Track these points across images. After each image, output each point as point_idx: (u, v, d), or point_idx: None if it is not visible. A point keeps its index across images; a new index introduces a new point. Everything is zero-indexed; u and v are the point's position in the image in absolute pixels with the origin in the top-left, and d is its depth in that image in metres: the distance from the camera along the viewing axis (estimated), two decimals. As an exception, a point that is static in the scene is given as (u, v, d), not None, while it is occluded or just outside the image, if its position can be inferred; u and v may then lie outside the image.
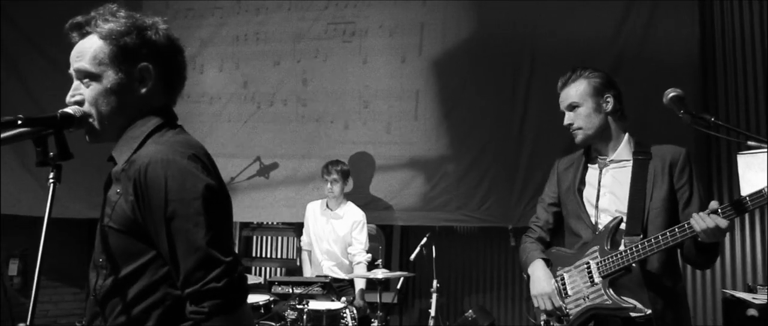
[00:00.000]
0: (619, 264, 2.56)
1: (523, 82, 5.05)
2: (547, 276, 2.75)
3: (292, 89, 5.60)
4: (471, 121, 5.19)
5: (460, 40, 5.25)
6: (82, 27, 1.65)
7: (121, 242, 1.59)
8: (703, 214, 2.38)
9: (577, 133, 2.75)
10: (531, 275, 2.80)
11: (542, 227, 2.95)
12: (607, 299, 2.58)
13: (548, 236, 2.95)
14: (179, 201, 1.52)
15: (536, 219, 2.98)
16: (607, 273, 2.60)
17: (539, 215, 2.97)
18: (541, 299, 2.74)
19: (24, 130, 1.49)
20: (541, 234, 2.95)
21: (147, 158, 1.55)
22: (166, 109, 1.71)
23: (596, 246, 2.65)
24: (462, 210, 5.16)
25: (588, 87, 2.72)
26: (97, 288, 1.63)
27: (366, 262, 4.87)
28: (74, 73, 1.64)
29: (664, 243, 2.47)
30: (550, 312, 2.71)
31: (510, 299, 5.62)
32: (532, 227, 2.99)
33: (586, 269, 2.67)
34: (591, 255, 2.66)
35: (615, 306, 2.56)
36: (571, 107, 2.75)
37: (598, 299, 2.61)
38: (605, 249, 2.62)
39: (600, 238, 2.64)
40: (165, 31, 1.68)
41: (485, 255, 5.71)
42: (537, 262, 2.81)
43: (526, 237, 2.99)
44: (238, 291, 1.54)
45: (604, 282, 2.60)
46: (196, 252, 1.51)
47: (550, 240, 2.95)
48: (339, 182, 4.84)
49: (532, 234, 2.98)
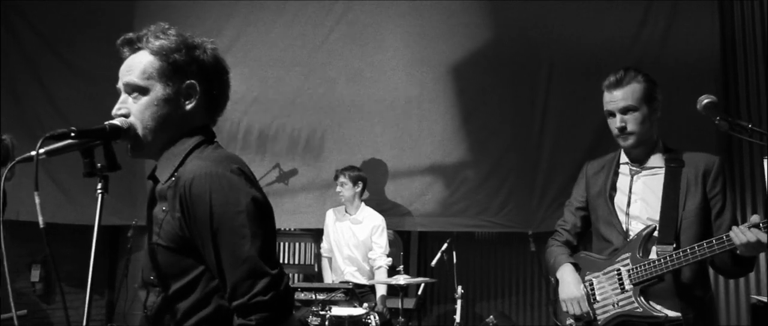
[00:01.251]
0: (652, 273, 2.50)
1: (541, 87, 4.98)
2: (576, 280, 2.69)
3: (310, 95, 5.53)
4: (490, 127, 5.12)
5: (478, 46, 5.18)
6: (134, 43, 1.68)
7: (170, 259, 1.60)
8: (744, 228, 2.30)
9: (628, 137, 2.63)
10: (560, 279, 2.75)
11: (570, 231, 2.88)
12: (638, 307, 2.53)
13: (575, 240, 2.88)
14: (224, 214, 1.52)
15: (563, 222, 2.92)
16: (638, 281, 2.54)
17: (567, 218, 2.90)
18: (570, 303, 2.68)
19: (73, 142, 1.51)
20: (569, 238, 2.88)
21: (191, 174, 1.56)
22: (206, 128, 1.73)
23: (628, 253, 2.59)
24: (482, 215, 5.08)
25: (644, 91, 2.61)
26: (149, 304, 1.65)
27: (387, 266, 4.81)
28: (123, 86, 1.67)
29: (700, 255, 2.40)
30: (578, 316, 2.66)
31: (529, 304, 5.53)
32: (558, 230, 2.93)
33: (617, 275, 2.61)
34: (622, 262, 2.60)
35: (646, 314, 2.51)
36: (626, 110, 2.61)
37: (628, 306, 2.55)
38: (637, 257, 2.56)
39: (632, 246, 2.59)
40: (212, 51, 1.71)
41: (504, 260, 5.63)
42: (566, 266, 2.75)
43: (552, 241, 2.93)
44: (285, 303, 1.54)
45: (635, 290, 2.55)
46: (243, 264, 1.52)
47: (576, 243, 2.89)
48: (347, 184, 4.83)
49: (558, 237, 2.91)
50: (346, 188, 4.83)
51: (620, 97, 2.59)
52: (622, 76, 2.61)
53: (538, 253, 4.96)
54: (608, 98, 2.62)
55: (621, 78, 2.61)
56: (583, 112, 4.81)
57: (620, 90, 2.60)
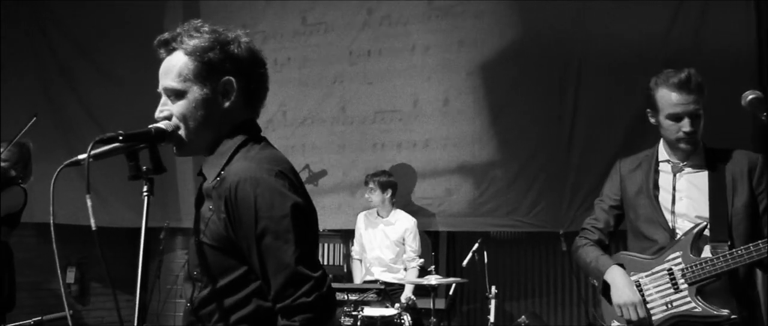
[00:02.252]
0: (711, 272, 2.44)
1: (571, 85, 4.89)
2: (629, 284, 2.57)
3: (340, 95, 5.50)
4: (519, 126, 5.05)
5: (506, 45, 5.11)
6: (169, 43, 1.68)
7: (215, 257, 1.62)
8: None
9: (693, 142, 2.55)
10: (611, 282, 2.61)
11: (602, 229, 2.78)
12: (696, 307, 2.46)
13: (607, 239, 2.79)
14: (269, 219, 1.54)
15: (595, 220, 2.80)
16: (695, 281, 2.47)
17: (598, 216, 2.79)
18: (627, 309, 2.55)
19: (119, 145, 1.54)
20: (601, 237, 2.77)
21: (236, 176, 1.57)
22: (250, 123, 1.73)
23: (678, 252, 2.52)
24: (511, 215, 5.01)
25: (703, 95, 2.51)
26: (194, 299, 1.67)
27: (418, 267, 4.77)
28: (161, 89, 1.68)
29: (757, 254, 2.35)
30: (636, 322, 2.53)
31: (560, 304, 5.44)
32: (589, 228, 2.81)
33: (668, 275, 2.53)
34: (672, 261, 2.53)
35: (705, 314, 2.44)
36: (696, 115, 2.50)
37: (685, 306, 2.48)
38: (690, 255, 2.49)
39: (682, 244, 2.51)
40: (247, 45, 1.70)
41: (534, 260, 5.55)
42: (615, 269, 2.62)
43: (582, 239, 2.81)
44: (328, 305, 1.56)
45: (692, 290, 2.48)
46: (286, 269, 1.54)
47: (608, 242, 2.80)
48: (376, 191, 4.85)
49: (589, 235, 2.80)
50: (375, 195, 4.85)
51: (693, 100, 2.48)
52: (690, 77, 2.48)
53: (569, 253, 4.87)
54: (677, 99, 2.49)
55: (689, 78, 2.48)
56: (615, 109, 4.71)
57: (692, 94, 2.48)
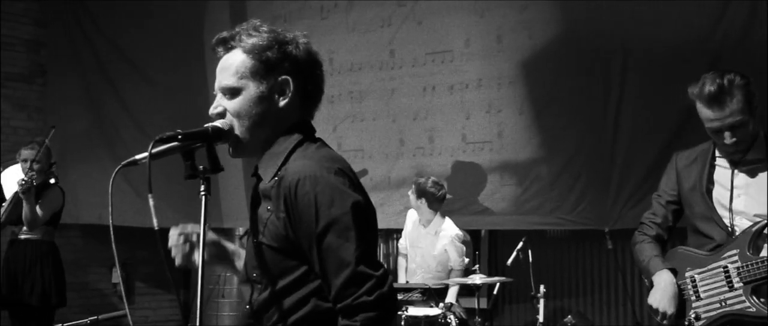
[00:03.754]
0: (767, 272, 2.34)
1: (615, 78, 4.73)
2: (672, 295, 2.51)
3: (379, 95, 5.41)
4: (562, 122, 4.90)
5: (548, 40, 4.97)
6: (227, 42, 1.67)
7: (274, 258, 1.59)
8: None
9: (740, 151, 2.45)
10: (655, 285, 2.57)
11: (661, 225, 2.70)
12: (751, 306, 2.36)
13: (666, 234, 2.71)
14: (329, 217, 1.51)
15: (653, 215, 2.73)
16: (750, 280, 2.38)
17: (657, 211, 2.72)
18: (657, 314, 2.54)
19: (175, 145, 1.54)
20: (659, 232, 2.70)
21: (296, 175, 1.55)
22: (305, 123, 1.71)
23: (735, 249, 2.43)
24: (556, 213, 4.86)
25: (746, 97, 2.38)
26: (253, 301, 1.65)
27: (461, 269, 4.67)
28: (218, 87, 1.68)
29: None
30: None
31: (606, 303, 5.29)
32: (648, 224, 2.73)
33: (723, 272, 2.44)
34: (729, 258, 2.44)
35: (759, 314, 2.35)
36: (734, 126, 2.38)
37: (739, 305, 2.39)
38: (747, 254, 2.39)
39: (739, 242, 2.42)
40: (305, 46, 1.69)
41: (579, 258, 5.40)
42: (664, 274, 2.56)
43: (640, 235, 2.74)
44: (390, 304, 1.54)
45: (746, 289, 2.39)
46: (347, 267, 1.51)
47: (668, 237, 2.72)
48: (411, 197, 4.79)
49: (648, 231, 2.72)
50: (411, 199, 4.78)
51: (728, 113, 2.36)
52: (722, 88, 2.34)
53: (615, 251, 4.70)
54: (711, 115, 2.39)
55: (721, 90, 2.34)
56: (661, 103, 4.53)
57: (726, 106, 2.35)
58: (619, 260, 4.98)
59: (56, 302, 4.58)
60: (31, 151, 4.65)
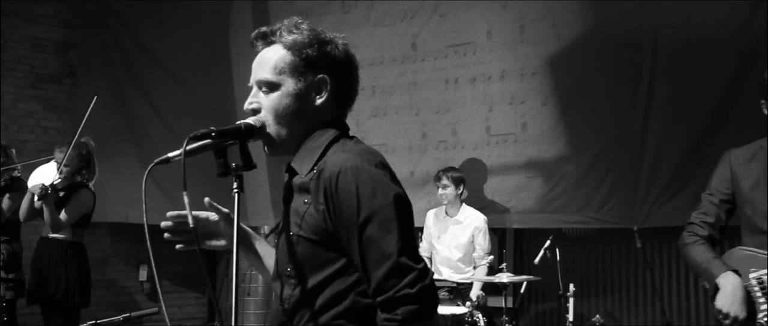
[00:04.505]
0: None
1: (644, 74, 4.61)
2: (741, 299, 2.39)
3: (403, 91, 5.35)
4: (589, 120, 4.80)
5: (575, 36, 4.85)
6: (267, 37, 1.67)
7: (312, 251, 1.56)
8: None
9: None
10: (722, 288, 2.43)
11: (713, 224, 2.58)
12: None
13: (719, 234, 2.60)
14: (370, 209, 1.49)
15: (704, 214, 2.60)
16: None
17: (708, 210, 2.59)
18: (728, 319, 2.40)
19: (208, 142, 1.53)
20: (711, 232, 2.58)
21: (336, 167, 1.53)
22: (340, 121, 1.70)
23: None
24: (583, 211, 4.76)
25: None
26: (285, 297, 1.61)
27: (488, 265, 4.58)
28: (254, 81, 1.66)
29: None
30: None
31: (634, 303, 5.16)
32: (698, 223, 2.61)
33: None
34: None
35: None
36: None
37: None
38: None
39: None
40: (344, 47, 1.69)
41: (607, 257, 5.28)
42: (730, 276, 2.44)
43: (691, 236, 2.61)
44: (431, 298, 1.50)
45: None
46: (388, 259, 1.48)
47: (720, 237, 2.61)
48: (450, 187, 4.69)
49: (699, 231, 2.60)
50: (449, 190, 4.69)
51: None
52: None
53: (644, 250, 4.59)
54: None
55: None
56: (693, 99, 4.41)
57: None
58: (649, 259, 4.85)
59: (79, 302, 4.57)
60: (60, 154, 4.65)
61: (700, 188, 4.38)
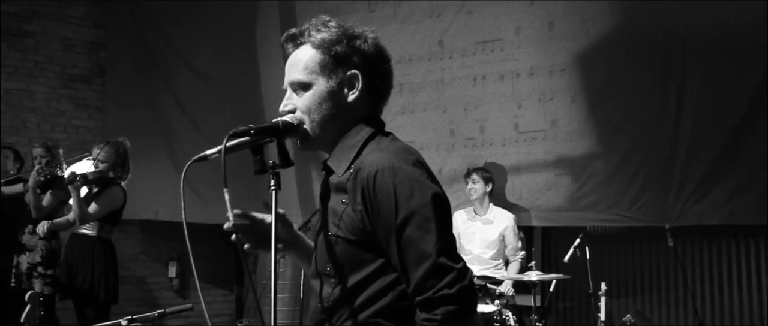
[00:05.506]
0: None
1: (675, 69, 4.50)
2: None
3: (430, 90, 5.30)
4: (619, 117, 4.70)
5: (604, 32, 4.75)
6: (296, 38, 1.66)
7: (350, 251, 1.55)
8: None
9: None
10: None
11: None
12: None
13: None
14: (408, 208, 1.47)
15: None
16: None
17: None
18: None
19: (245, 140, 1.53)
20: None
21: (374, 166, 1.51)
22: (375, 117, 1.68)
23: None
24: (613, 209, 4.66)
25: None
26: (324, 296, 1.60)
27: (520, 260, 4.52)
28: (287, 83, 1.66)
29: None
30: None
31: (665, 302, 5.06)
32: None
33: None
34: None
35: None
36: None
37: None
38: None
39: None
40: (374, 40, 1.66)
41: (638, 256, 5.18)
42: None
43: None
44: (470, 298, 1.47)
45: None
46: (427, 259, 1.45)
47: None
48: (479, 182, 4.65)
49: None
50: (478, 185, 4.65)
51: None
52: None
53: (676, 248, 4.48)
54: None
55: None
56: (726, 95, 4.30)
57: None
58: (681, 257, 4.74)
59: (105, 297, 4.58)
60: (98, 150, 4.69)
61: (734, 186, 4.31)
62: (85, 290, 4.52)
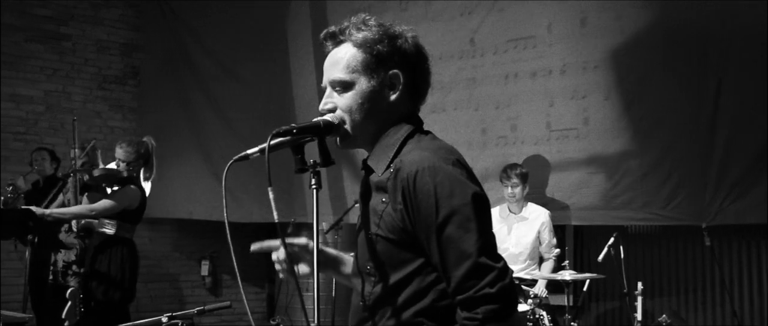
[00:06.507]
0: None
1: (713, 65, 4.37)
2: None
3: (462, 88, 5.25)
4: (654, 114, 4.59)
5: (639, 29, 4.66)
6: (336, 36, 1.66)
7: (390, 250, 1.55)
8: None
9: None
10: None
11: None
12: None
13: None
14: (449, 208, 1.47)
15: None
16: None
17: None
18: None
19: (287, 138, 1.54)
20: None
21: (414, 166, 1.50)
22: (414, 116, 1.67)
23: None
24: (647, 208, 4.55)
25: None
26: (366, 294, 1.60)
27: (555, 258, 4.44)
28: (327, 81, 1.65)
29: None
30: None
31: (702, 303, 4.94)
32: None
33: None
34: None
35: None
36: None
37: None
38: None
39: None
40: (414, 40, 1.66)
41: (673, 255, 5.06)
42: None
43: None
44: (511, 297, 1.47)
45: None
46: (468, 259, 1.45)
47: None
48: (519, 185, 4.54)
49: None
50: (517, 189, 4.53)
51: None
52: None
53: (712, 248, 4.37)
54: None
55: None
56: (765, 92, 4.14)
57: None
58: (718, 257, 4.61)
59: (120, 297, 4.58)
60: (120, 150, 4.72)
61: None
62: (101, 288, 4.53)
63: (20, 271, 5.10)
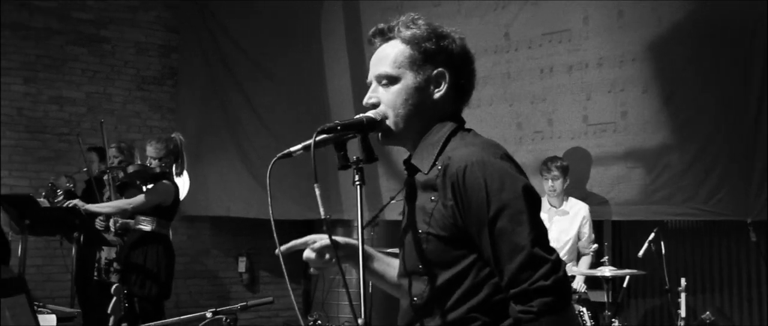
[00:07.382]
0: None
1: (756, 55, 4.24)
2: None
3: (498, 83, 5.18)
4: (695, 107, 4.48)
5: (677, 20, 4.54)
6: (385, 33, 1.68)
7: (441, 248, 1.54)
8: None
9: None
10: None
11: None
12: None
13: None
14: (500, 201, 1.46)
15: None
16: None
17: None
18: None
19: (331, 136, 1.55)
20: None
21: (462, 161, 1.51)
22: (457, 115, 1.68)
23: None
24: (688, 203, 4.44)
25: None
26: (416, 294, 1.59)
27: (593, 253, 4.35)
28: (373, 77, 1.67)
29: None
30: None
31: (747, 300, 4.80)
32: None
33: None
34: None
35: None
36: None
37: None
38: None
39: None
40: (461, 41, 1.68)
41: (717, 251, 4.93)
42: None
43: None
44: (566, 290, 1.46)
45: None
46: (521, 252, 1.44)
47: None
48: (560, 178, 4.44)
49: None
50: (558, 182, 4.44)
51: None
52: None
53: (758, 244, 4.23)
54: None
55: None
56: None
57: None
58: (764, 253, 4.47)
59: (156, 293, 4.63)
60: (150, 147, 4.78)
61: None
62: (137, 284, 4.58)
63: (66, 268, 5.20)
